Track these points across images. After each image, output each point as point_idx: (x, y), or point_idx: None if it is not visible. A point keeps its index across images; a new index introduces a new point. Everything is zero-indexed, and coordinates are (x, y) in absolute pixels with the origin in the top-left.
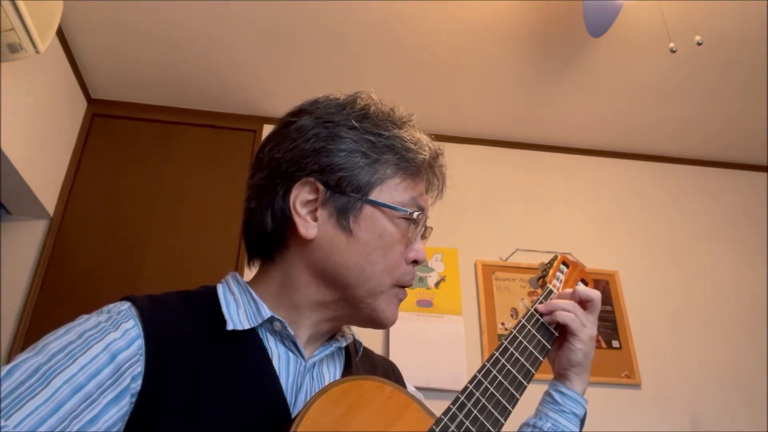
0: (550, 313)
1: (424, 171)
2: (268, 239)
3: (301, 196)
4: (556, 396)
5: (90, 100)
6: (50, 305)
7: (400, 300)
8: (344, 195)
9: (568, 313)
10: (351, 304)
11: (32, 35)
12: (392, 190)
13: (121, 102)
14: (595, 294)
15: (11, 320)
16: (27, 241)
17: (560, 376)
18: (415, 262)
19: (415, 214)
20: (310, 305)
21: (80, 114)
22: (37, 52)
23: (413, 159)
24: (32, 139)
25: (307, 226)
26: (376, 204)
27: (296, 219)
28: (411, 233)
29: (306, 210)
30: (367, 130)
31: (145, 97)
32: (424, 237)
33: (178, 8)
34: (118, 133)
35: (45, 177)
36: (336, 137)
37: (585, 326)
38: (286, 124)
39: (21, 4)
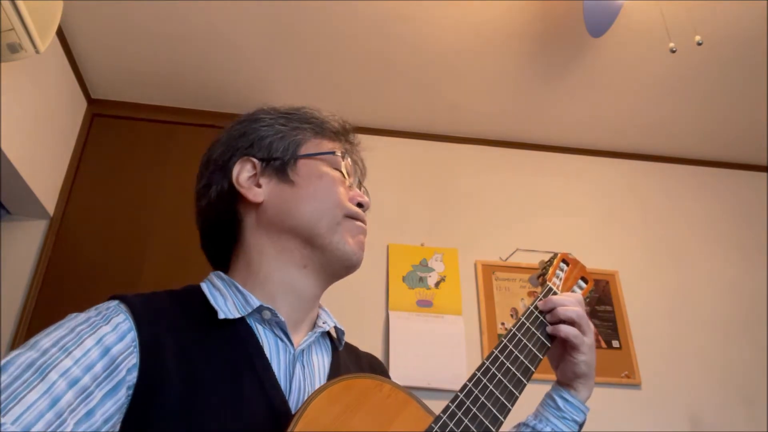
0: (550, 311)
1: (339, 137)
2: (223, 221)
3: (242, 174)
4: (559, 402)
5: (90, 100)
6: (50, 305)
7: (363, 232)
8: (277, 159)
9: (569, 327)
10: (316, 246)
11: (32, 35)
12: (315, 147)
13: (121, 102)
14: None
15: (11, 320)
16: (27, 241)
17: (565, 384)
18: (360, 205)
19: (339, 152)
20: (278, 263)
21: (80, 114)
22: (37, 52)
23: (326, 124)
24: (32, 139)
25: (254, 192)
26: (305, 156)
27: (242, 191)
28: (346, 179)
29: (249, 182)
30: (281, 112)
31: (145, 97)
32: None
33: (178, 8)
34: (118, 133)
35: (45, 177)
36: (256, 120)
37: (586, 336)
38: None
39: (21, 4)
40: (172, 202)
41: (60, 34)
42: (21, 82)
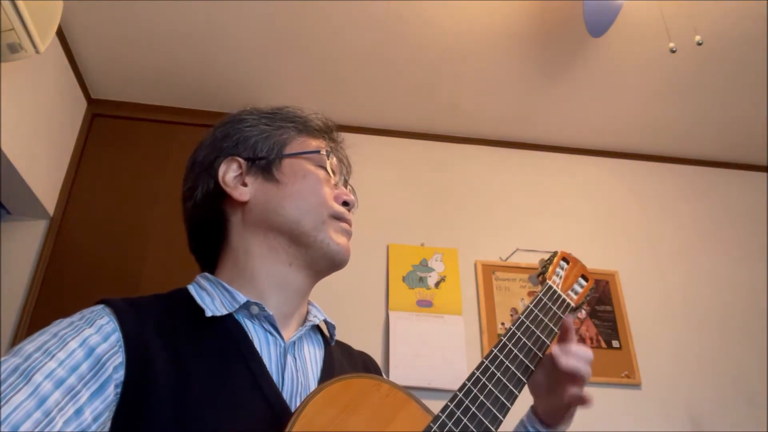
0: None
1: (323, 135)
2: (209, 222)
3: (228, 173)
4: None
5: (90, 100)
6: (50, 305)
7: (347, 233)
8: (263, 158)
9: (585, 365)
10: (301, 244)
11: (32, 35)
12: (300, 146)
13: (121, 102)
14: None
15: (11, 320)
16: (27, 241)
17: (546, 416)
18: (346, 203)
19: (324, 151)
20: (264, 262)
21: (80, 114)
22: (37, 52)
23: (309, 122)
24: (32, 139)
25: (240, 191)
26: (291, 155)
27: (228, 190)
28: (332, 177)
29: (235, 182)
30: (264, 112)
31: (145, 97)
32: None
33: (178, 8)
34: (118, 133)
35: (45, 177)
36: (240, 121)
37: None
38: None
39: (21, 4)
40: (172, 202)
41: (60, 34)
42: (21, 82)
